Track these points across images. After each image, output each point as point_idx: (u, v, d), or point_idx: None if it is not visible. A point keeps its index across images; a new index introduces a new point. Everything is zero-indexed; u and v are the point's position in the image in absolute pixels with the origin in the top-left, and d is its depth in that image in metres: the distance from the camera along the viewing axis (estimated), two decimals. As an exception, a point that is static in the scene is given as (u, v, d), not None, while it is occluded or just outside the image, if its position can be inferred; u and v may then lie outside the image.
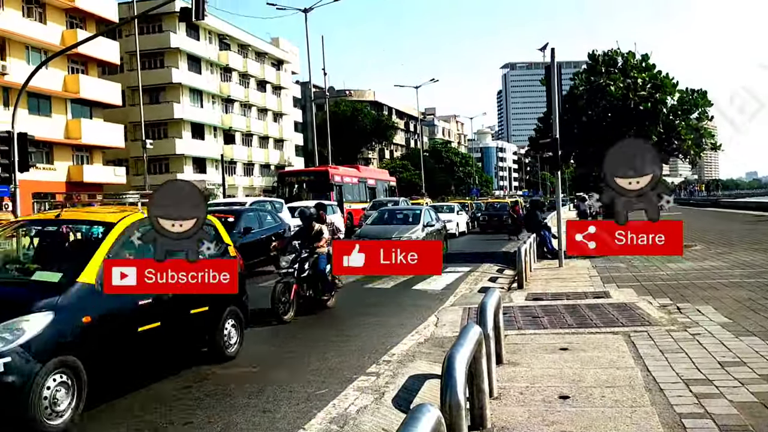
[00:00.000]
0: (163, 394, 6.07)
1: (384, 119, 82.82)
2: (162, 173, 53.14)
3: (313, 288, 10.43)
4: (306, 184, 31.64)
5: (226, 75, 60.72)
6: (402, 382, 6.11)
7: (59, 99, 41.25)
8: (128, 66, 49.59)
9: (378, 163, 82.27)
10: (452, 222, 27.95)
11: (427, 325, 8.89)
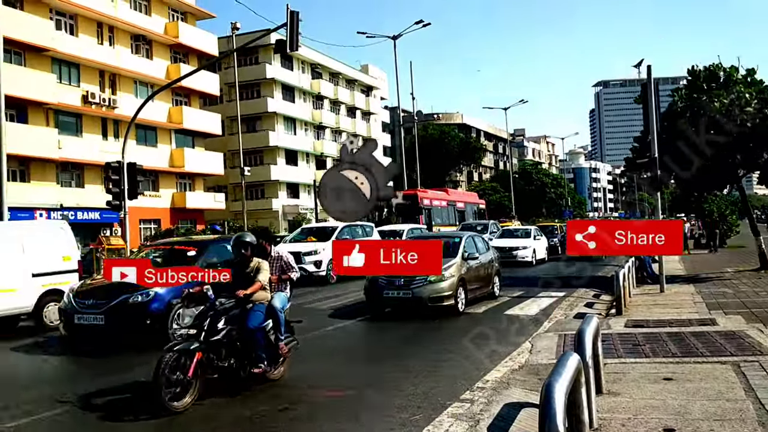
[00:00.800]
0: (259, 416, 6.23)
1: (472, 141, 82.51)
2: (258, 198, 55.09)
3: (236, 356, 6.98)
4: (395, 208, 31.90)
5: (317, 102, 62.48)
6: (497, 410, 6.01)
7: (164, 130, 43.74)
8: (227, 97, 52.01)
9: (466, 186, 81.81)
10: (528, 249, 26.29)
11: (522, 351, 8.71)
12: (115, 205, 20.82)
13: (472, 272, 13.53)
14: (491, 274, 14.85)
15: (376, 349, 9.59)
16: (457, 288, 12.60)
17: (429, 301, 12.25)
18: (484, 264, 14.47)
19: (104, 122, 39.78)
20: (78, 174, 38.53)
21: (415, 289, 12.24)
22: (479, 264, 14.14)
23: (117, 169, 20.49)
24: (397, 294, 12.39)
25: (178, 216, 44.41)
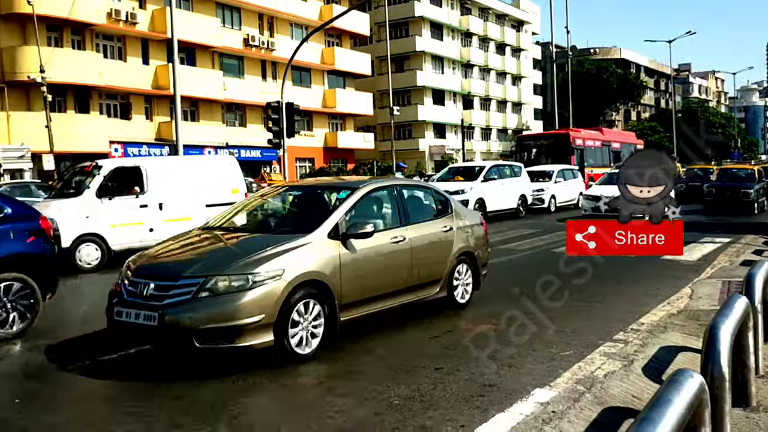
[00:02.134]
0: (413, 341, 6.57)
1: (631, 78, 77.32)
2: (405, 139, 55.75)
3: None
4: (545, 148, 31.01)
5: (466, 40, 61.28)
6: (653, 352, 5.89)
7: (317, 71, 45.19)
8: (376, 37, 52.46)
9: (623, 126, 77.36)
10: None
11: (681, 296, 8.35)
12: (275, 143, 22.07)
13: None
14: None
15: (528, 285, 9.61)
16: None
17: None
18: None
19: (263, 64, 41.80)
20: (240, 114, 41.07)
21: None
22: None
23: (276, 108, 21.61)
24: None
25: (329, 155, 46.20)
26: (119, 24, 33.62)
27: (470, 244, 8.10)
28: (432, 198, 8.27)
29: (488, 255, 8.87)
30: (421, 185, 9.50)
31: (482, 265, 8.36)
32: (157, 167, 13.64)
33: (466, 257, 7.98)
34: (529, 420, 4.38)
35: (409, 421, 4.43)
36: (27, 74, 28.17)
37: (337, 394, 5.00)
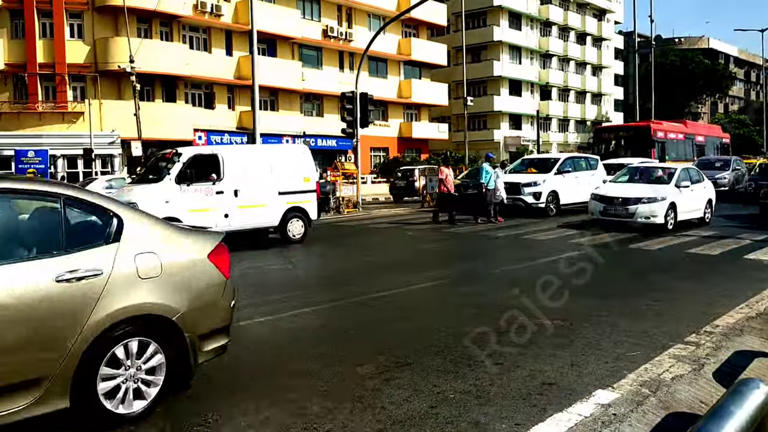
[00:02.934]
0: (473, 335, 6.51)
1: (719, 68, 73.46)
2: (480, 129, 55.16)
3: None
4: (624, 140, 29.98)
5: (545, 29, 59.90)
6: (726, 356, 5.63)
7: (393, 61, 45.26)
8: (453, 27, 52.02)
9: (709, 118, 73.78)
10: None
11: (761, 298, 7.93)
12: (349, 133, 22.29)
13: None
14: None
15: (596, 283, 9.36)
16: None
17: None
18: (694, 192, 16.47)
19: (341, 55, 42.23)
20: (318, 104, 41.70)
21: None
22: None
23: (351, 98, 21.81)
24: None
25: (404, 145, 46.28)
26: (204, 16, 34.72)
27: (157, 302, 4.41)
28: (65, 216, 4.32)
29: (225, 319, 4.96)
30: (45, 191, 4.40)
31: (201, 342, 4.68)
32: (234, 155, 14.04)
33: (136, 328, 4.33)
34: (587, 422, 4.28)
35: (464, 416, 4.41)
36: (118, 64, 29.56)
37: (393, 385, 5.03)
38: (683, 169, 16.75)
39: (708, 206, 17.00)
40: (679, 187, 15.66)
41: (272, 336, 6.83)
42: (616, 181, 17.09)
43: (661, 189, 15.44)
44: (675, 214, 15.38)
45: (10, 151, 26.80)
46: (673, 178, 15.90)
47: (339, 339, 6.57)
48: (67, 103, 31.00)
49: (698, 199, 16.53)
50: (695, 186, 16.48)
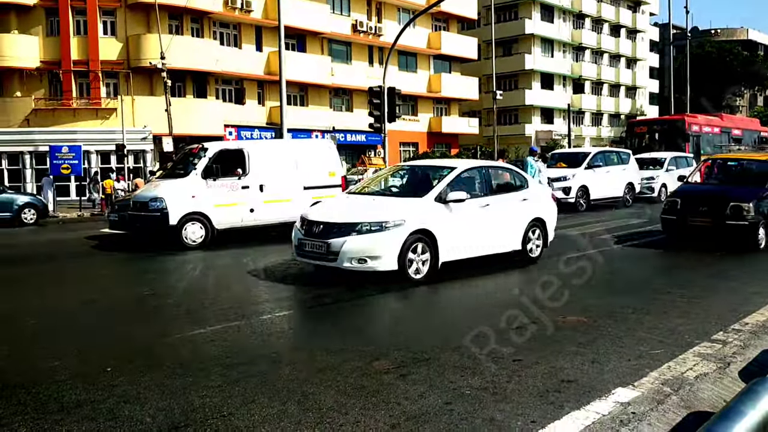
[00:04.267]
0: (494, 332, 6.42)
1: (758, 60, 71.53)
2: (511, 124, 54.66)
3: None
4: (658, 134, 29.39)
5: (578, 22, 59.02)
6: (753, 354, 5.47)
7: (423, 55, 45.05)
8: (484, 20, 51.56)
9: (747, 111, 71.93)
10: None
11: (795, 297, 7.69)
12: (376, 128, 22.23)
13: None
14: None
15: (623, 279, 9.18)
16: None
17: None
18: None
19: (370, 49, 42.18)
20: (347, 99, 41.74)
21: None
22: None
23: (378, 93, 21.74)
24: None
25: (434, 140, 46.08)
26: (235, 12, 34.99)
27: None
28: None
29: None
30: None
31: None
32: (259, 150, 14.12)
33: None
34: (605, 420, 4.18)
35: (478, 413, 4.34)
36: (149, 61, 29.98)
37: (410, 380, 4.99)
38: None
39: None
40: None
41: (294, 330, 6.83)
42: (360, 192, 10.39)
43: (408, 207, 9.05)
44: None
45: (45, 146, 27.38)
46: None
47: (358, 334, 6.55)
48: (100, 99, 31.57)
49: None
50: None
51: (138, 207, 13.33)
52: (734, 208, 11.21)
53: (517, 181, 10.67)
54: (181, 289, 9.37)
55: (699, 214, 11.60)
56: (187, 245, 12.90)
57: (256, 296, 8.45)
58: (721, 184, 12.95)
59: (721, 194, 11.80)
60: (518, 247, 10.14)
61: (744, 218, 11.12)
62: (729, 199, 11.39)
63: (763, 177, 12.05)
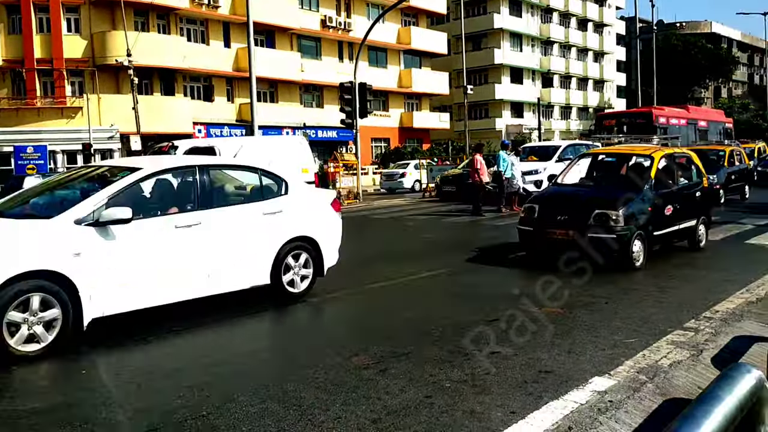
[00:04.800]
0: (471, 324, 6.46)
1: (722, 53, 72.99)
2: (482, 118, 54.98)
3: None
4: (626, 127, 29.78)
5: (546, 16, 59.55)
6: (725, 341, 5.59)
7: (393, 51, 45.06)
8: (453, 15, 51.74)
9: (712, 103, 73.40)
10: None
11: (762, 283, 7.88)
12: (348, 123, 22.22)
13: None
14: None
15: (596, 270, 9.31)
16: None
17: None
18: None
19: (340, 45, 42.06)
20: (318, 95, 41.59)
21: None
22: None
23: (349, 89, 21.72)
24: None
25: (405, 135, 46.16)
26: (202, 8, 34.58)
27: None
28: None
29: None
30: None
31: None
32: (231, 147, 13.99)
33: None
34: (583, 409, 4.24)
35: (459, 405, 4.37)
36: (115, 58, 29.48)
37: (390, 375, 5.00)
38: None
39: None
40: None
41: (272, 328, 6.79)
42: None
43: None
44: None
45: (10, 147, 26.79)
46: None
47: (335, 330, 6.54)
48: (65, 98, 30.97)
49: None
50: None
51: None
52: (599, 217, 8.88)
53: (264, 187, 7.52)
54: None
55: (557, 225, 9.20)
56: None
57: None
58: (590, 186, 10.55)
59: (585, 199, 9.53)
60: (265, 281, 7.20)
61: (612, 229, 8.78)
62: (594, 205, 9.08)
63: (641, 175, 9.77)
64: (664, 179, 9.85)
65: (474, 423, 4.09)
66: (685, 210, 10.16)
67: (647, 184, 9.41)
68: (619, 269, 8.88)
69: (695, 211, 10.53)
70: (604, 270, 8.65)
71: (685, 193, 10.38)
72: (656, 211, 9.40)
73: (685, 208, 10.12)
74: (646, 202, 9.28)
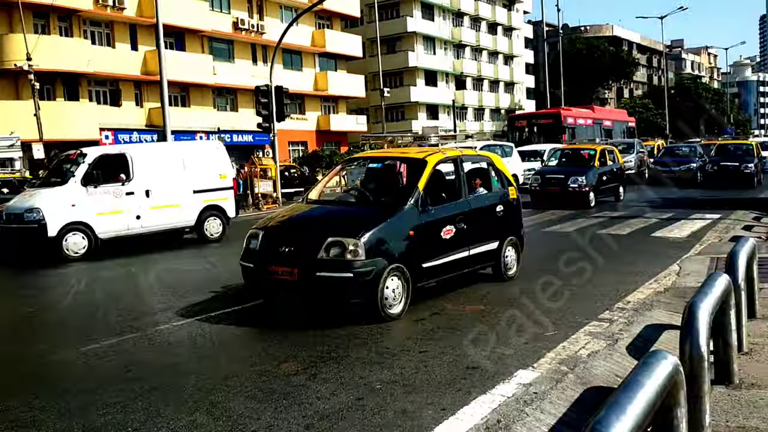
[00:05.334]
0: (397, 325, 6.54)
1: (623, 55, 76.85)
2: (398, 120, 55.49)
3: None
4: (537, 127, 30.93)
5: (457, 20, 60.82)
6: (637, 330, 5.89)
7: (308, 53, 44.80)
8: (367, 18, 51.97)
9: (615, 104, 77.15)
10: None
11: (668, 274, 8.36)
12: (265, 127, 21.92)
13: None
14: None
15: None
16: None
17: None
18: None
19: (253, 48, 41.41)
20: (232, 99, 40.77)
21: None
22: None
23: (265, 92, 21.44)
24: None
25: (323, 138, 45.97)
26: (106, 9, 33.19)
27: None
28: None
29: None
30: None
31: None
32: (143, 154, 13.51)
33: None
34: (510, 401, 4.36)
35: (390, 405, 4.40)
36: (14, 62, 27.84)
37: (320, 379, 4.97)
38: None
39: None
40: None
41: (193, 339, 6.62)
42: None
43: None
44: None
45: None
46: None
47: (262, 338, 6.44)
48: (-41, 104, 28.99)
49: None
50: None
51: (12, 219, 12.37)
52: (332, 247, 6.44)
53: None
54: (67, 304, 8.81)
55: (281, 260, 6.63)
56: (69, 257, 12.14)
57: (150, 307, 8.08)
58: (340, 203, 8.38)
59: (320, 221, 7.25)
60: None
61: (347, 265, 6.35)
62: (327, 231, 6.63)
63: (403, 188, 7.78)
64: (442, 191, 7.87)
65: (406, 422, 4.13)
66: (479, 230, 7.83)
67: (412, 198, 7.03)
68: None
69: (497, 231, 8.26)
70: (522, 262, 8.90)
71: (478, 209, 7.94)
72: (425, 235, 7.04)
73: (478, 228, 7.80)
74: (406, 222, 6.90)
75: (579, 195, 17.43)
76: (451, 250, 7.40)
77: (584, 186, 17.45)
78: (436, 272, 7.29)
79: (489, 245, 8.11)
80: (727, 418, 3.94)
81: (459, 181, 7.92)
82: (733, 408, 4.09)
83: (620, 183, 19.62)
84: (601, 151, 19.01)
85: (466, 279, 8.20)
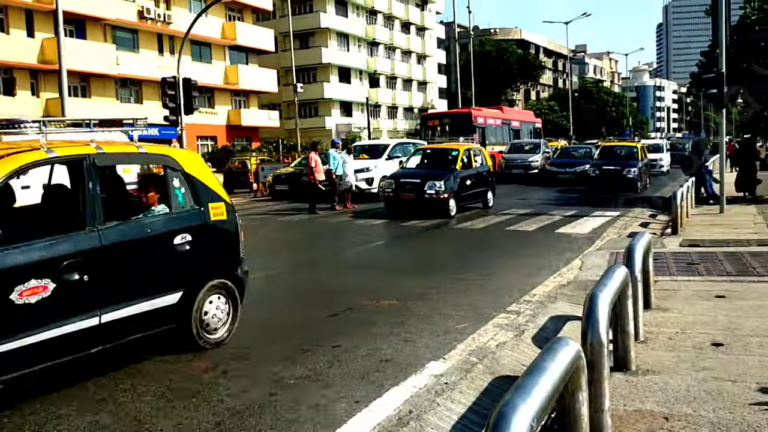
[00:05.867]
0: (311, 322, 6.51)
1: (531, 58, 79.64)
2: (311, 117, 55.18)
3: None
4: (449, 126, 31.49)
5: (371, 18, 61.08)
6: (542, 321, 6.11)
7: (218, 46, 43.74)
8: (280, 12, 51.33)
9: (523, 105, 79.84)
10: None
11: (571, 268, 8.73)
12: (172, 121, 21.23)
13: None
14: None
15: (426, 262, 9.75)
16: None
17: None
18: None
19: (160, 38, 40.00)
20: (136, 90, 39.23)
21: None
22: None
23: (173, 84, 20.76)
24: None
25: (233, 133, 45.04)
26: (-1, -8, 31.19)
27: None
28: None
29: None
30: None
31: None
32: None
33: None
34: (422, 392, 4.43)
35: (303, 401, 4.38)
36: None
37: (231, 376, 4.88)
38: None
39: None
40: None
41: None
42: None
43: None
44: None
45: None
46: None
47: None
48: None
49: None
50: None
51: None
52: None
53: None
54: None
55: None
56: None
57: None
58: None
59: None
60: None
61: None
62: None
63: None
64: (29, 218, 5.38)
65: (319, 416, 4.12)
66: (130, 276, 5.03)
67: None
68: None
69: (179, 274, 5.38)
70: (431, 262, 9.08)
71: (125, 243, 4.99)
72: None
73: (126, 273, 4.99)
74: None
75: (437, 202, 15.06)
76: (40, 323, 4.35)
77: (442, 192, 15.02)
78: None
79: (159, 299, 5.18)
80: (625, 402, 4.16)
81: (83, 198, 4.83)
82: (631, 393, 4.32)
83: (488, 188, 17.38)
84: (464, 152, 16.67)
85: (381, 273, 8.26)
